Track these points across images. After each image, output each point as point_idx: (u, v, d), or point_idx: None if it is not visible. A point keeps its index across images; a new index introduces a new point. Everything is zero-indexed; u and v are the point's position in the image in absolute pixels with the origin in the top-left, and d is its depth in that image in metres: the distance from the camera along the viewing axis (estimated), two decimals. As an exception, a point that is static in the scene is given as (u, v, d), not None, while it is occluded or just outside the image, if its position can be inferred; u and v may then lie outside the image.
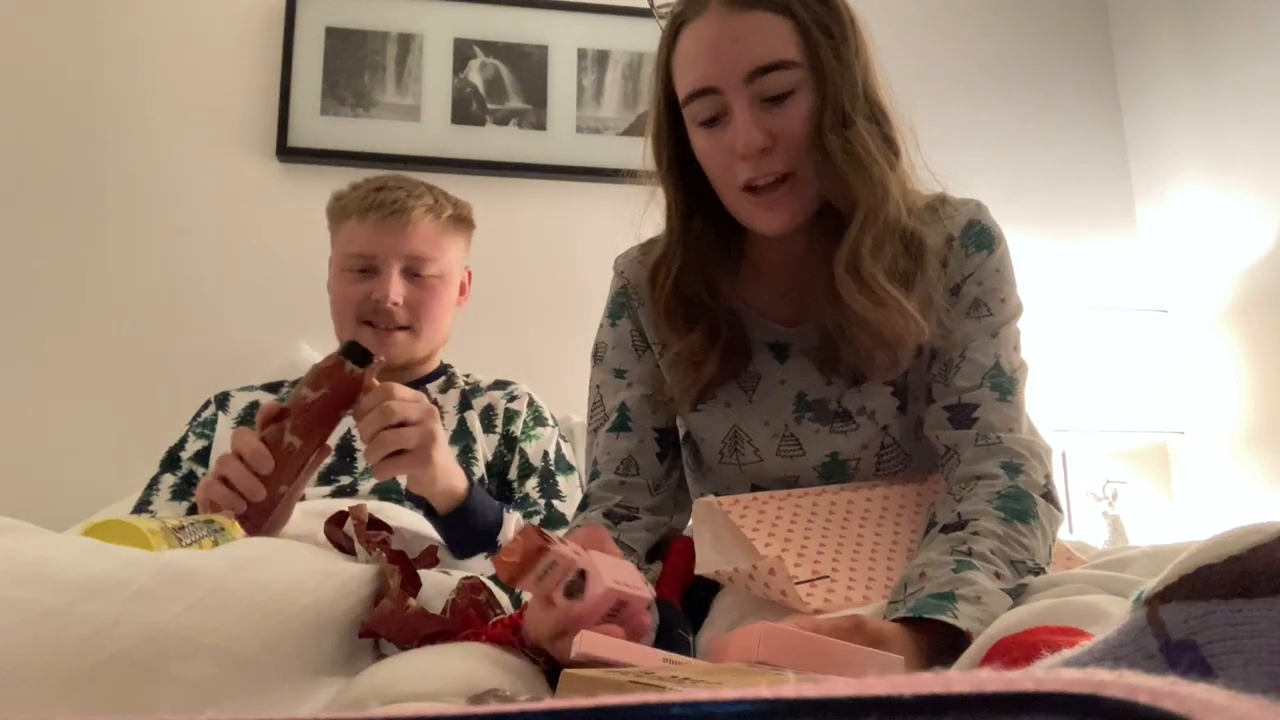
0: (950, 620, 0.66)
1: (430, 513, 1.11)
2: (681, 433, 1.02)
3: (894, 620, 0.69)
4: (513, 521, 1.17)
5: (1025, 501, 0.80)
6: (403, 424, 0.99)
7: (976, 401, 0.87)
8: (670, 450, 0.98)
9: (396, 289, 1.31)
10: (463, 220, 1.43)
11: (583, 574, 0.63)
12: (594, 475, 0.97)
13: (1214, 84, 2.02)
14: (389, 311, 1.32)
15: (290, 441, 0.94)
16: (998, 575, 0.73)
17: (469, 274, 1.49)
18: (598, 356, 1.03)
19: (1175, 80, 2.13)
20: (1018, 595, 0.73)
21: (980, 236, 0.92)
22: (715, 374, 0.93)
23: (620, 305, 1.02)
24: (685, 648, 0.76)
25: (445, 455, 1.07)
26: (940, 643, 0.67)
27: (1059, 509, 0.84)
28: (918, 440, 0.94)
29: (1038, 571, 0.77)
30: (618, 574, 0.65)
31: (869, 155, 0.84)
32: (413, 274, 1.34)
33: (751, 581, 0.76)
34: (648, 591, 0.65)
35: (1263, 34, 1.89)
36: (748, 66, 0.83)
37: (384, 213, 1.32)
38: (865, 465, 0.93)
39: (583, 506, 0.95)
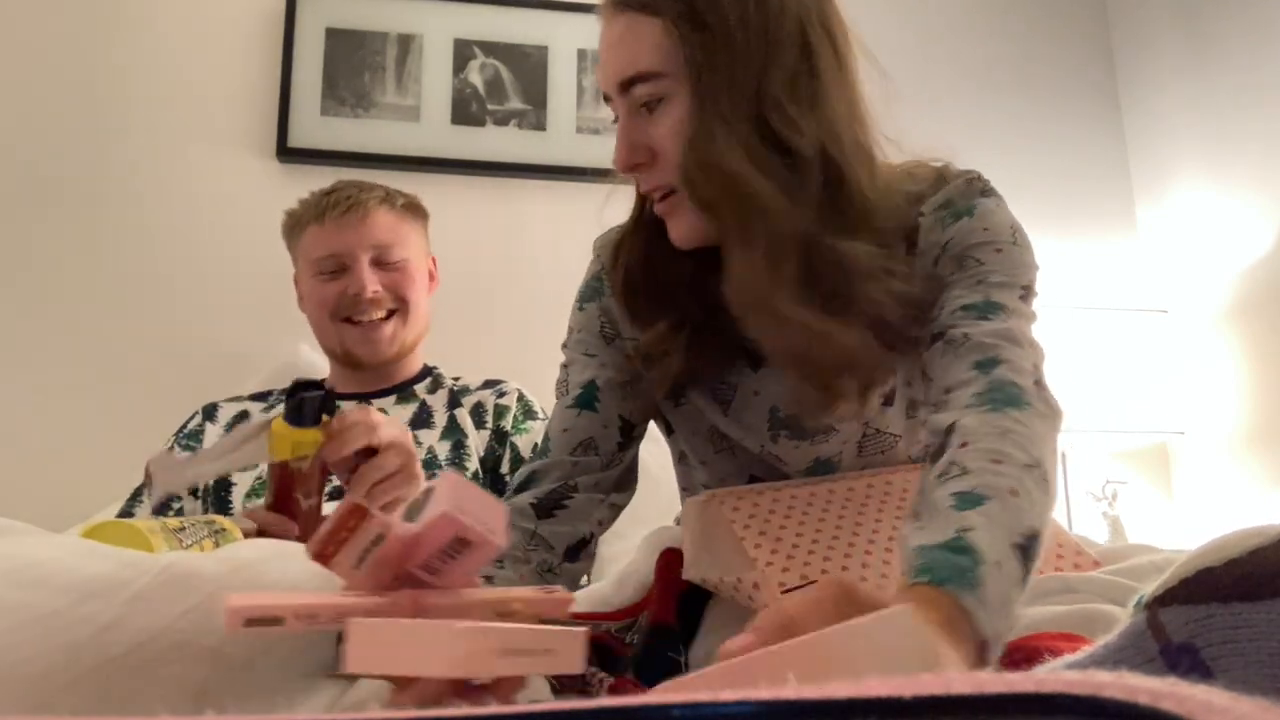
0: (970, 607, 0.51)
1: None
2: (664, 424, 0.98)
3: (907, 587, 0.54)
4: None
5: (1009, 391, 0.67)
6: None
7: (950, 325, 0.76)
8: (632, 443, 0.91)
9: (371, 279, 1.33)
10: (417, 209, 1.45)
11: (427, 493, 0.53)
12: (543, 451, 0.88)
13: (1214, 84, 2.02)
14: (371, 302, 1.33)
15: (308, 504, 0.93)
16: (1013, 492, 0.59)
17: (434, 261, 1.51)
18: (566, 344, 0.96)
19: (1175, 80, 2.13)
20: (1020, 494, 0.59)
21: (955, 206, 0.83)
22: (684, 367, 0.85)
23: (594, 290, 0.95)
24: (678, 669, 0.73)
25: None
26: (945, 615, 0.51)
27: (1054, 402, 0.71)
28: (909, 421, 0.90)
29: (1046, 480, 0.62)
30: (473, 509, 0.51)
31: (739, 173, 0.74)
32: (382, 263, 1.36)
33: (736, 592, 0.75)
34: (500, 540, 0.52)
35: (1263, 34, 1.89)
36: (616, 77, 0.78)
37: (340, 210, 1.35)
38: (847, 456, 0.91)
39: (523, 487, 0.86)
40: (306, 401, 0.90)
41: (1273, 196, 1.85)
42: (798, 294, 0.75)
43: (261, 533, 0.90)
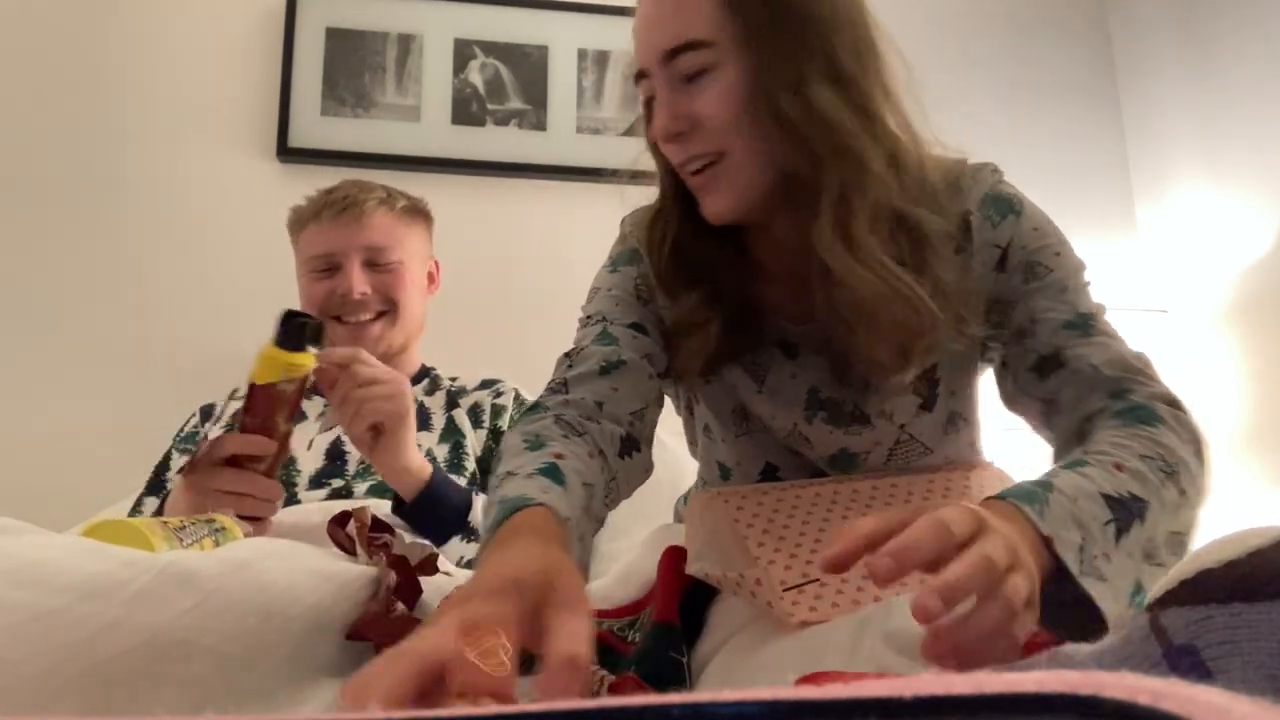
0: (1033, 516, 0.57)
1: (399, 503, 1.12)
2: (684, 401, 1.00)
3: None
4: (480, 502, 1.17)
5: (1143, 411, 0.73)
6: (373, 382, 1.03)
7: (1060, 345, 0.81)
8: (658, 409, 0.90)
9: (360, 280, 1.34)
10: (419, 211, 1.46)
11: None
12: (562, 377, 0.86)
13: (1214, 84, 2.02)
14: (358, 303, 1.35)
15: (286, 429, 0.98)
16: (1118, 466, 0.64)
17: (436, 264, 1.51)
18: (589, 303, 0.94)
19: (1175, 80, 2.13)
20: (1156, 493, 0.64)
21: (998, 204, 0.86)
22: (721, 342, 0.87)
23: (628, 258, 0.95)
24: (680, 670, 0.72)
25: (414, 431, 1.10)
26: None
27: (1193, 426, 0.74)
28: (945, 435, 0.91)
29: (1173, 472, 0.67)
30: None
31: (834, 118, 0.76)
32: (373, 264, 1.37)
33: (738, 588, 0.75)
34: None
35: (1263, 34, 1.89)
36: (661, 48, 0.79)
37: (337, 209, 1.36)
38: (875, 458, 0.92)
39: (556, 392, 0.85)
40: (303, 326, 0.97)
41: (1273, 196, 1.85)
42: (884, 247, 0.77)
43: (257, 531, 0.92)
